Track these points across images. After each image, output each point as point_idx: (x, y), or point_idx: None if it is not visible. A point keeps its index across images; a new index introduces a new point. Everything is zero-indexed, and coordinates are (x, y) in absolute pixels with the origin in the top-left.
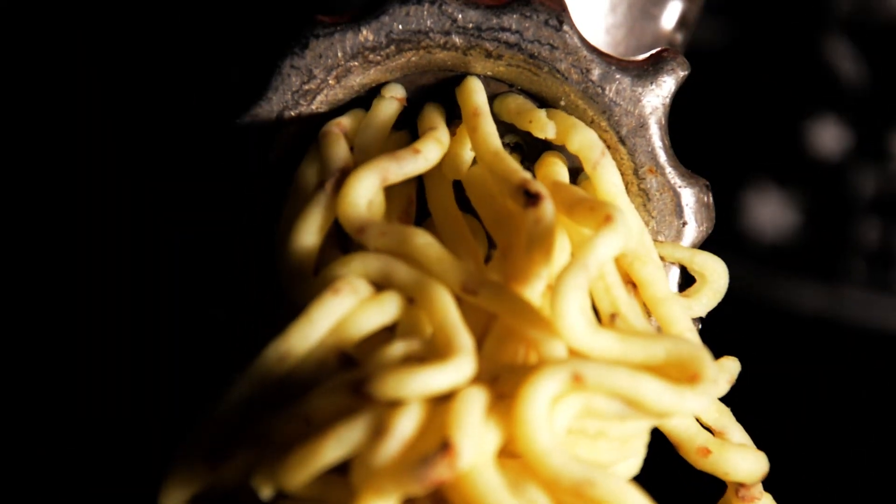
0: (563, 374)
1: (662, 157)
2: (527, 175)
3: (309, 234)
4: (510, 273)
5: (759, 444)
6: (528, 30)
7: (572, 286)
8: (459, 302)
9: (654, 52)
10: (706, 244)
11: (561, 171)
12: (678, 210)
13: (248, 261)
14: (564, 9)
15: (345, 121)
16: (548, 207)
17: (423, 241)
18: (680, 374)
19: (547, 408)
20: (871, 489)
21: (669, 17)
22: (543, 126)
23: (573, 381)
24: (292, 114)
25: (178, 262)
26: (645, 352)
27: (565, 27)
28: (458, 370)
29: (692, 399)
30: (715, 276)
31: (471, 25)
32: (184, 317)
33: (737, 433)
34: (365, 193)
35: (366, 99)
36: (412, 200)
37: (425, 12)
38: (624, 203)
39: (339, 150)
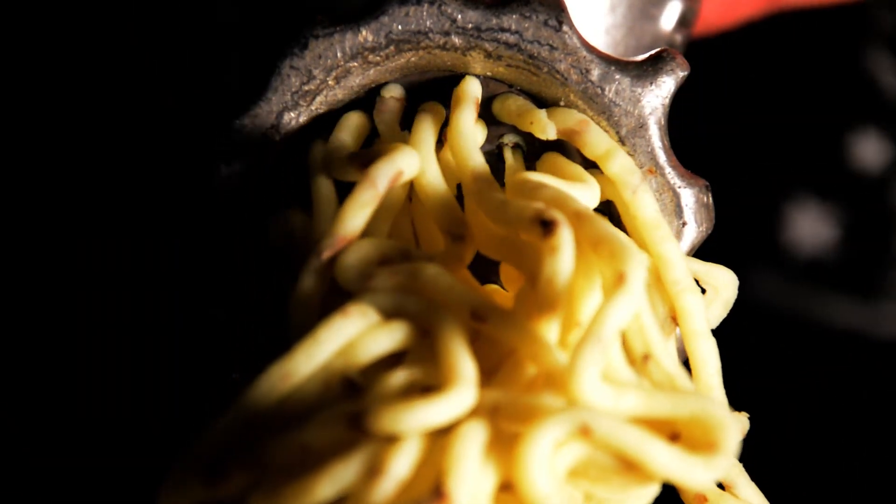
0: (572, 424)
1: (662, 157)
2: (538, 205)
3: (308, 287)
4: (535, 304)
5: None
6: (527, 30)
7: (588, 361)
8: (477, 335)
9: (653, 52)
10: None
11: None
12: (678, 210)
13: (248, 260)
14: (564, 9)
15: (404, 166)
16: (565, 234)
17: (433, 272)
18: (700, 436)
19: (549, 453)
20: None
21: (669, 17)
22: (544, 127)
23: (580, 431)
24: (292, 114)
25: (179, 261)
26: (671, 408)
27: (565, 27)
28: (456, 402)
29: (702, 472)
30: (726, 287)
31: (470, 26)
32: (184, 317)
33: (746, 488)
34: (364, 260)
35: (365, 99)
36: (407, 240)
37: (425, 13)
38: (665, 231)
39: (357, 220)
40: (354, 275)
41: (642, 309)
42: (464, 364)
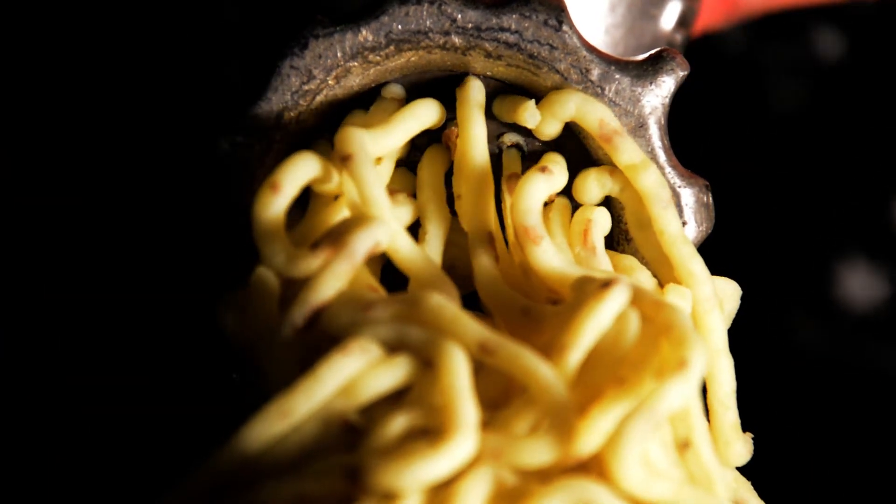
0: (578, 495)
1: (662, 156)
2: (609, 275)
3: (285, 350)
4: (559, 343)
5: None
6: (527, 30)
7: (635, 438)
8: (482, 366)
9: (653, 52)
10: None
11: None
12: (678, 210)
13: (248, 258)
14: (564, 9)
15: (381, 237)
16: (618, 290)
17: (436, 301)
18: None
19: None
20: None
21: (669, 17)
22: (526, 119)
23: None
24: (292, 114)
25: (178, 261)
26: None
27: (565, 27)
28: (456, 453)
29: None
30: (729, 300)
31: (470, 25)
32: (183, 316)
33: None
34: (354, 296)
35: (365, 99)
36: (374, 288)
37: (425, 12)
38: (692, 248)
39: (330, 290)
40: (348, 310)
41: (693, 397)
42: (465, 409)
